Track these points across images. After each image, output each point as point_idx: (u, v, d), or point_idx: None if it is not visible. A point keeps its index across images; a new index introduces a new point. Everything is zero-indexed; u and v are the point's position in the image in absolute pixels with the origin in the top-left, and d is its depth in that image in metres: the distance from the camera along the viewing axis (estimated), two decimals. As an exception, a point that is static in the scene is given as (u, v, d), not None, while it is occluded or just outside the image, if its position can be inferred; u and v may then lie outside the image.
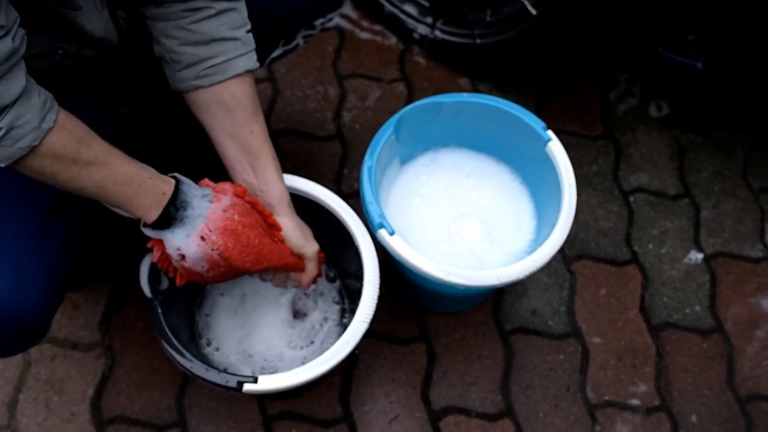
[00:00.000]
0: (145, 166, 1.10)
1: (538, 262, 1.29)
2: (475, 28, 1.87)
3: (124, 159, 1.07)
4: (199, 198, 1.12)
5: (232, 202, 1.15)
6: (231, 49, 1.16)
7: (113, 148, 1.06)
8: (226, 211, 1.12)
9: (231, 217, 1.12)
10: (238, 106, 1.18)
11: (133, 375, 1.58)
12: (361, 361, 1.61)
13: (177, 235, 1.11)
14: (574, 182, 1.37)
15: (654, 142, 1.95)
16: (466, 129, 1.51)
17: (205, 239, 1.11)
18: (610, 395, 1.62)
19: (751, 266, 1.79)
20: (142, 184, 1.07)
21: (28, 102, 0.94)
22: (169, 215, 1.09)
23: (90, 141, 1.02)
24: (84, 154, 1.01)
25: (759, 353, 1.69)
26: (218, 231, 1.11)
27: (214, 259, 1.13)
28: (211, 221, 1.11)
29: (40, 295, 1.09)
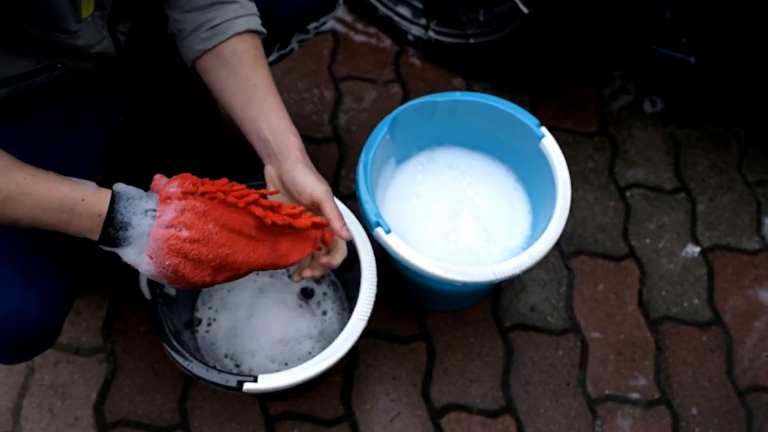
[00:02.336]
0: (82, 183, 1.00)
1: (534, 257, 1.30)
2: (469, 28, 1.88)
3: (53, 182, 0.98)
4: (140, 215, 1.00)
5: (178, 211, 1.00)
6: (230, 11, 1.18)
7: (41, 172, 0.99)
8: (169, 227, 0.99)
9: (176, 234, 0.99)
10: (239, 62, 1.18)
11: (136, 379, 1.59)
12: (362, 360, 1.62)
13: (128, 254, 1.02)
14: (568, 177, 1.38)
15: (649, 137, 1.96)
16: (461, 127, 1.52)
17: (153, 258, 1.00)
18: (610, 389, 1.62)
19: (748, 258, 1.80)
20: (75, 207, 0.98)
21: None
22: (110, 237, 1.00)
23: (11, 170, 0.96)
24: (4, 187, 0.95)
25: (758, 345, 1.69)
26: (162, 252, 0.99)
27: (170, 276, 1.02)
28: (154, 241, 0.99)
29: (51, 302, 1.10)
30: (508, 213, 1.54)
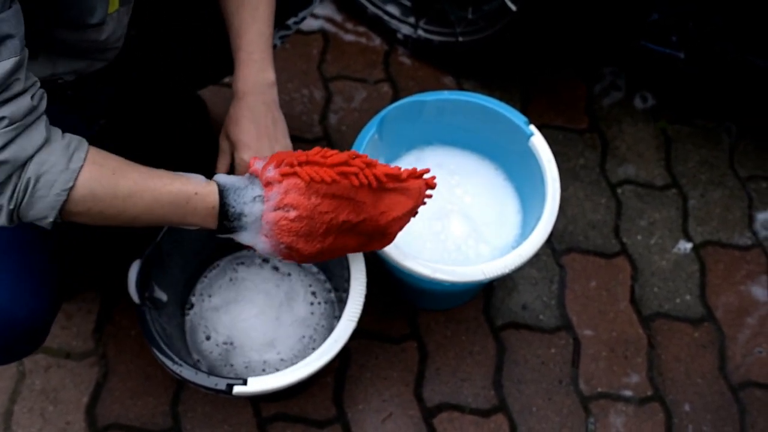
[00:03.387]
0: (192, 177, 1.06)
1: (523, 256, 1.30)
2: (458, 26, 1.87)
3: (166, 178, 1.04)
4: (250, 203, 1.06)
5: (282, 193, 1.05)
6: None
7: (153, 170, 1.04)
8: (278, 210, 1.05)
9: (284, 215, 1.05)
10: None
11: (127, 382, 1.59)
12: (354, 360, 1.62)
13: (244, 237, 1.09)
14: (558, 175, 1.38)
15: (640, 133, 1.95)
16: (450, 126, 1.52)
17: (269, 238, 1.08)
18: (603, 387, 1.62)
19: (740, 254, 1.80)
20: (189, 201, 1.04)
21: (49, 147, 0.94)
22: (226, 228, 1.07)
23: (126, 170, 1.02)
24: (122, 186, 1.00)
25: (750, 340, 1.69)
26: (275, 233, 1.06)
27: (285, 252, 1.10)
28: (266, 224, 1.06)
29: (38, 301, 1.09)
30: (498, 212, 1.53)
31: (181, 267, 1.50)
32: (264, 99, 1.22)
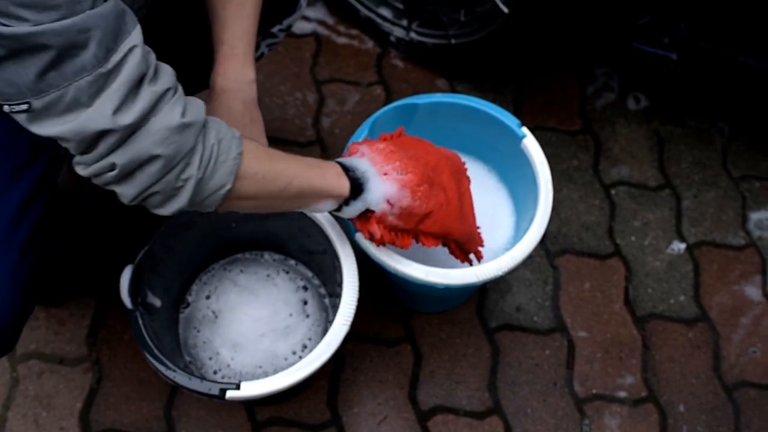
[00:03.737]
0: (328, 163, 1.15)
1: (516, 258, 1.30)
2: (450, 28, 1.87)
3: (308, 163, 1.12)
4: (358, 158, 1.18)
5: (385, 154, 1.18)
6: None
7: (292, 156, 1.11)
8: (387, 170, 1.16)
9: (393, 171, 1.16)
10: None
11: (121, 387, 1.59)
12: (348, 363, 1.62)
13: (373, 191, 1.15)
14: (550, 177, 1.38)
15: (633, 134, 1.95)
16: (443, 129, 1.51)
17: (389, 173, 1.15)
18: (598, 388, 1.62)
19: (734, 254, 1.80)
20: (320, 164, 1.13)
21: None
22: (356, 181, 1.14)
23: (287, 158, 1.09)
24: (273, 153, 1.08)
25: (744, 340, 1.69)
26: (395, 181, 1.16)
27: (410, 180, 1.16)
28: (376, 160, 1.17)
29: (4, 301, 1.06)
30: (491, 214, 1.53)
31: (175, 272, 1.50)
32: (243, 97, 1.21)
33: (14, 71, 0.81)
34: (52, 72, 0.81)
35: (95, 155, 0.89)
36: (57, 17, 0.78)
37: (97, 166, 0.90)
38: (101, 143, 0.88)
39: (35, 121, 0.85)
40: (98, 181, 0.93)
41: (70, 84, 0.83)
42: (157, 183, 0.93)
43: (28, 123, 0.86)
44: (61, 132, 0.85)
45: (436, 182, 1.21)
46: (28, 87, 0.82)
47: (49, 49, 0.79)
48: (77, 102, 0.84)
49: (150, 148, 0.90)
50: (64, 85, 0.82)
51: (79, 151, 0.89)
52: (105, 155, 0.89)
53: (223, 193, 0.98)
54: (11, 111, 0.85)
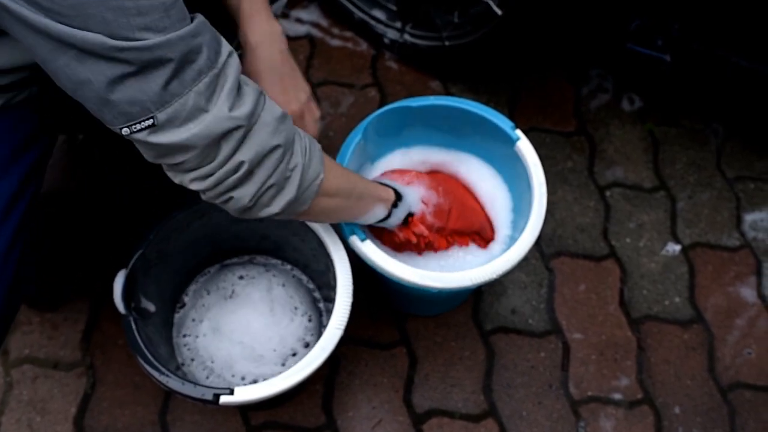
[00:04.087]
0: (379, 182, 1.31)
1: (510, 261, 1.29)
2: (444, 30, 1.87)
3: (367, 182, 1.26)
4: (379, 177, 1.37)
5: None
6: None
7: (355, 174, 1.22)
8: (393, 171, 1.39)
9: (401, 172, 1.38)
10: None
11: (116, 392, 1.58)
12: (343, 367, 1.61)
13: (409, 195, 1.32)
14: (544, 180, 1.37)
15: (628, 135, 1.95)
16: (437, 131, 1.51)
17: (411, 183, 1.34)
18: (593, 390, 1.62)
19: (729, 255, 1.80)
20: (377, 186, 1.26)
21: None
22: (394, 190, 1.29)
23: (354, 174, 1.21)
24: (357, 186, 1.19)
25: (739, 341, 1.69)
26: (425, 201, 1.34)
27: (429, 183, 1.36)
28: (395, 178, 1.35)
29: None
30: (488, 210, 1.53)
31: (169, 276, 1.50)
32: (278, 47, 1.24)
33: (138, 88, 0.84)
34: (174, 81, 0.85)
35: (221, 159, 0.92)
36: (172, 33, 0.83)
37: (223, 170, 0.93)
38: (225, 144, 0.91)
39: (157, 133, 0.88)
40: (218, 189, 0.96)
41: (190, 90, 0.86)
42: (273, 175, 0.97)
43: (149, 137, 0.88)
44: (188, 138, 0.88)
45: (442, 187, 1.38)
46: (153, 101, 0.85)
47: (171, 60, 0.83)
48: (197, 107, 0.87)
49: (268, 139, 0.95)
50: (185, 92, 0.86)
51: (200, 161, 0.92)
52: (231, 155, 0.92)
53: (318, 183, 1.05)
54: (131, 132, 0.88)
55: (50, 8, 0.78)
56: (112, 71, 0.82)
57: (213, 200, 0.99)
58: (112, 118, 0.87)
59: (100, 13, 0.78)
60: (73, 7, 0.78)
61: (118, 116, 0.86)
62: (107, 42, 0.80)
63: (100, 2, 0.78)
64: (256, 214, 1.02)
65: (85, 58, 0.81)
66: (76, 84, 0.84)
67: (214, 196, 0.97)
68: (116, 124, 0.87)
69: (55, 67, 0.84)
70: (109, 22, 0.79)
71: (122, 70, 0.82)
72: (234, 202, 0.98)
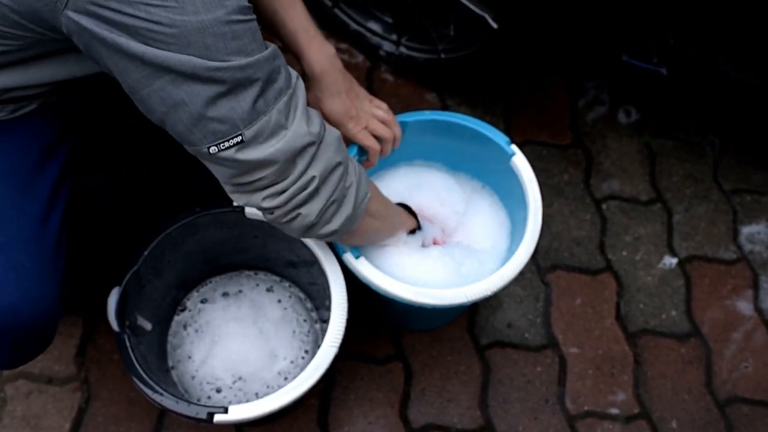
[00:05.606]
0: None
1: (505, 278, 1.29)
2: (439, 43, 1.87)
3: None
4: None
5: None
6: None
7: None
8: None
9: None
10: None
11: (110, 408, 1.57)
12: (338, 382, 1.61)
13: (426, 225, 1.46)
14: (539, 195, 1.37)
15: (624, 148, 1.95)
16: (432, 146, 1.51)
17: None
18: (590, 405, 1.61)
19: (726, 268, 1.80)
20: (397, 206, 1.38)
21: None
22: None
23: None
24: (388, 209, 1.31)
25: (736, 355, 1.69)
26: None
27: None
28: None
29: (45, 296, 1.09)
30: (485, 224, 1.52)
31: (163, 292, 1.49)
32: (339, 68, 1.31)
33: (230, 107, 0.90)
34: (261, 99, 0.92)
35: (296, 174, 1.00)
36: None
37: (297, 185, 1.01)
38: (300, 160, 0.99)
39: (243, 150, 0.94)
40: (288, 206, 1.03)
41: (272, 108, 0.93)
42: (335, 191, 1.05)
43: (236, 154, 0.95)
44: (271, 154, 0.95)
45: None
46: (242, 118, 0.92)
47: (258, 79, 0.90)
48: (279, 124, 0.95)
49: (333, 156, 1.03)
50: (269, 110, 0.93)
51: (277, 176, 0.99)
52: (304, 170, 1.00)
53: (367, 201, 1.14)
54: (219, 150, 0.94)
55: (151, 36, 0.83)
56: (207, 92, 0.88)
57: (280, 219, 1.05)
58: (201, 137, 0.93)
59: (202, 39, 0.84)
60: (174, 36, 0.84)
61: (207, 135, 0.92)
62: (204, 63, 0.85)
63: (202, 29, 0.84)
64: (318, 231, 1.08)
65: (182, 81, 0.87)
66: (170, 107, 0.90)
67: (283, 213, 1.03)
68: (204, 143, 0.93)
69: (148, 91, 0.89)
70: (209, 47, 0.85)
71: (216, 90, 0.88)
72: (301, 218, 1.04)
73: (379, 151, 1.37)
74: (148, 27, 0.83)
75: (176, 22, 0.83)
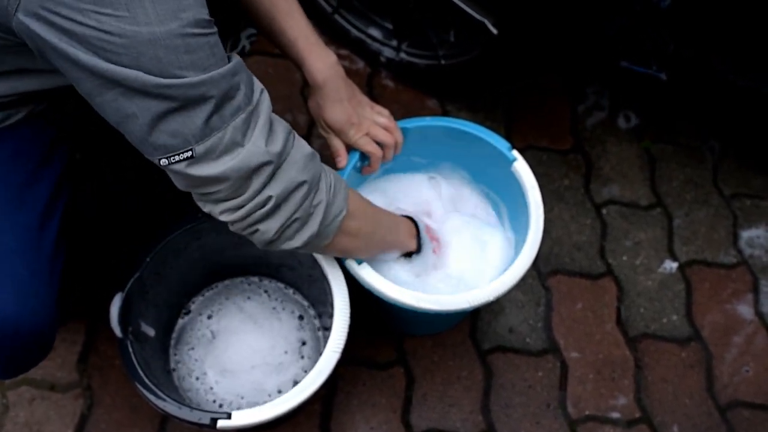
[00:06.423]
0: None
1: (507, 284, 1.29)
2: (440, 49, 1.87)
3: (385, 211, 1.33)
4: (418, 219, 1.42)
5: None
6: None
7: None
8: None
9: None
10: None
11: (113, 414, 1.57)
12: (340, 387, 1.61)
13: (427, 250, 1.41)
14: (541, 201, 1.38)
15: (624, 153, 1.96)
16: (433, 152, 1.52)
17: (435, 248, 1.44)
18: (591, 410, 1.62)
19: (726, 272, 1.80)
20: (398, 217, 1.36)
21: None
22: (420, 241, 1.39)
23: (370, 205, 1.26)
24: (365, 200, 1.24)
25: (737, 359, 1.69)
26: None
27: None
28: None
29: (43, 305, 1.08)
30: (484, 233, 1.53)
31: (165, 298, 1.49)
32: (340, 76, 1.31)
33: (181, 122, 0.88)
34: (215, 116, 0.89)
35: (251, 192, 0.97)
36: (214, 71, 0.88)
37: (253, 203, 0.98)
38: (256, 178, 0.96)
39: (194, 165, 0.92)
40: (246, 222, 1.00)
41: (228, 125, 0.90)
42: (299, 209, 1.02)
43: (186, 169, 0.92)
44: (223, 171, 0.92)
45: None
46: (194, 134, 0.89)
47: (213, 96, 0.88)
48: (234, 142, 0.92)
49: (297, 175, 0.99)
50: (224, 126, 0.90)
51: (231, 192, 0.96)
52: (260, 189, 0.97)
53: (340, 219, 1.10)
54: (169, 163, 0.92)
55: (101, 46, 0.81)
56: (157, 107, 0.86)
57: (240, 231, 1.03)
58: (152, 149, 0.91)
59: (153, 51, 0.82)
60: (125, 46, 0.81)
61: (158, 148, 0.90)
62: (154, 80, 0.83)
63: (153, 41, 0.82)
64: (279, 246, 1.06)
65: (132, 94, 0.85)
66: (122, 117, 0.89)
67: (241, 228, 1.02)
68: (155, 155, 0.91)
69: (101, 101, 0.88)
70: (161, 59, 0.83)
71: (167, 106, 0.86)
72: (260, 234, 1.02)
73: (380, 156, 1.38)
74: (99, 36, 0.81)
75: (127, 32, 0.81)
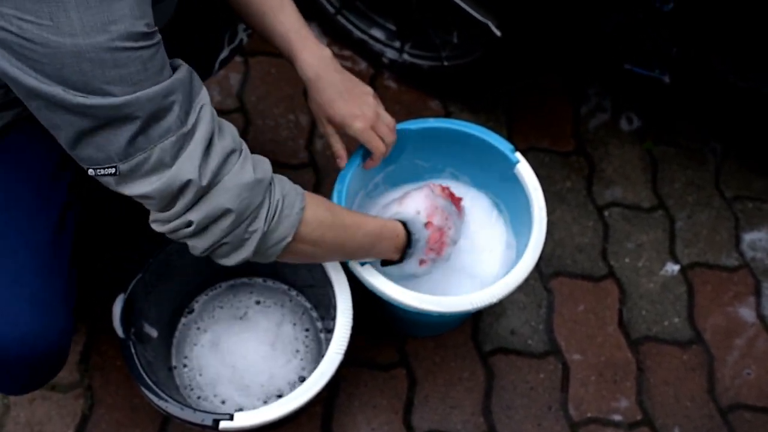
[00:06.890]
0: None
1: (510, 286, 1.29)
2: (443, 50, 1.87)
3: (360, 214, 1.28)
4: (420, 228, 1.32)
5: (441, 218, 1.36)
6: None
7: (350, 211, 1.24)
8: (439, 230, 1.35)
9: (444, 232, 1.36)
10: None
11: (114, 414, 1.57)
12: (342, 389, 1.61)
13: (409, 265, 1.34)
14: (544, 203, 1.38)
15: (626, 155, 1.96)
16: (436, 153, 1.52)
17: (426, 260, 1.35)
18: (592, 412, 1.62)
19: (728, 275, 1.80)
20: (383, 231, 1.24)
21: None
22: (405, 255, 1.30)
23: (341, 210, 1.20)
24: (337, 211, 1.17)
25: (739, 362, 1.69)
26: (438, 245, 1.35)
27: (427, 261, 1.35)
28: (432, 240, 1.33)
29: (59, 323, 1.08)
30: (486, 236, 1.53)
31: (170, 297, 1.49)
32: (335, 68, 1.29)
33: (106, 138, 0.86)
34: (140, 137, 0.86)
35: (173, 213, 0.94)
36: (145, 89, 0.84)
37: (174, 223, 0.96)
38: (179, 201, 0.92)
39: (122, 182, 0.90)
40: (174, 236, 0.98)
41: (155, 146, 0.87)
42: (228, 236, 0.98)
43: (115, 185, 0.91)
44: (147, 191, 0.90)
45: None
46: (117, 152, 0.87)
47: (138, 117, 0.84)
48: (161, 163, 0.88)
49: (223, 203, 0.94)
50: (150, 147, 0.87)
51: (158, 209, 0.95)
52: (182, 213, 0.94)
53: (284, 245, 1.04)
54: (96, 174, 0.90)
55: (24, 53, 0.79)
56: (79, 123, 0.84)
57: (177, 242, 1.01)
58: (79, 159, 0.90)
59: (77, 64, 0.79)
60: (47, 56, 0.79)
61: (84, 159, 0.89)
62: (72, 99, 0.81)
63: (77, 53, 0.79)
64: (217, 261, 1.04)
65: (55, 108, 0.83)
66: (50, 126, 0.88)
67: (175, 239, 1.00)
68: (83, 164, 0.90)
69: (30, 107, 0.87)
70: (85, 73, 0.80)
71: (88, 123, 0.84)
72: (191, 248, 1.01)
73: (384, 152, 1.35)
74: (20, 43, 0.78)
75: (50, 42, 0.78)
